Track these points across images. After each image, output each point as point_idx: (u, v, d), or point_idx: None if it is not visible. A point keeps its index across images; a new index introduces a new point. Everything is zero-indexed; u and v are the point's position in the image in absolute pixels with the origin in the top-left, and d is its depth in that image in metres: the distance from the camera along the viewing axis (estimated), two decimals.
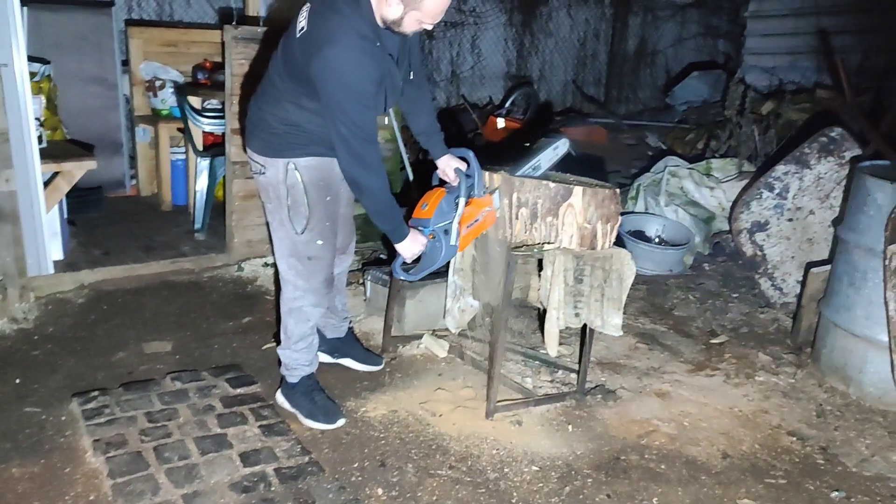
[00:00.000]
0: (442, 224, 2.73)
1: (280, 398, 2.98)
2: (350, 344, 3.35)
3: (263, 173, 2.69)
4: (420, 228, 2.72)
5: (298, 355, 2.90)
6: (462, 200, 2.76)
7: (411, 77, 2.74)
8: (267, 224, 2.88)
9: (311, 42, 2.42)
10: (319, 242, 2.73)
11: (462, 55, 8.21)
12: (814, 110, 6.23)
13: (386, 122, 4.45)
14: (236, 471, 2.54)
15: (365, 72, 2.41)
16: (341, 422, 2.86)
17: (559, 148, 3.14)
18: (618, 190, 2.98)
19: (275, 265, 2.97)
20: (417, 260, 2.78)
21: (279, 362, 2.98)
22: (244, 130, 2.83)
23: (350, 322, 3.37)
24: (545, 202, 2.89)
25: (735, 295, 4.51)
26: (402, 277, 2.87)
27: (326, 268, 2.82)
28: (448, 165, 2.89)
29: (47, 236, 3.90)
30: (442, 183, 2.93)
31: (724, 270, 4.89)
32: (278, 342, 2.98)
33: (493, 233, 3.04)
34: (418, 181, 4.48)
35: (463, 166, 2.86)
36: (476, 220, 2.84)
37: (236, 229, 4.40)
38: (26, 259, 3.72)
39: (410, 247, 2.70)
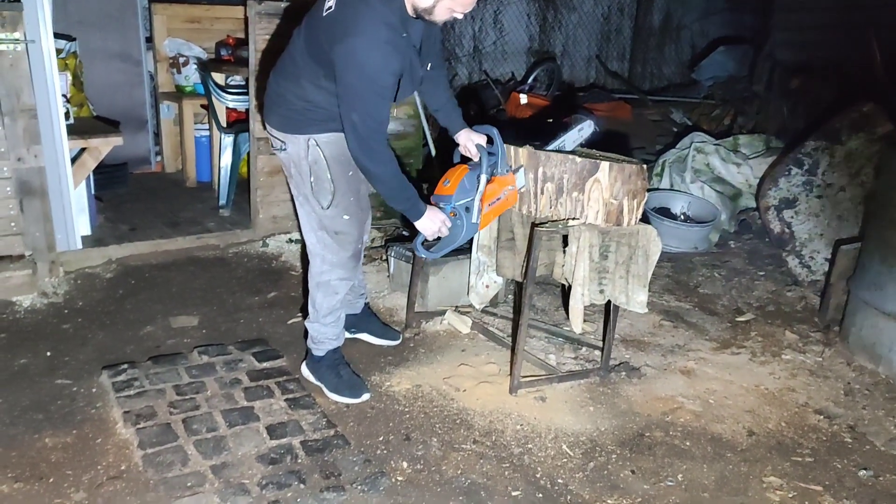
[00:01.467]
0: (464, 201, 2.72)
1: (305, 371, 3.01)
2: (367, 319, 3.36)
3: (284, 149, 2.69)
4: (441, 206, 2.71)
5: (327, 329, 2.92)
6: (484, 177, 2.73)
7: (428, 68, 2.72)
8: (292, 198, 2.88)
9: (336, 26, 2.40)
10: (346, 217, 2.73)
11: (484, 30, 8.13)
12: (844, 85, 6.10)
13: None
14: (263, 443, 2.57)
15: (387, 64, 2.39)
16: (366, 396, 2.89)
17: (584, 130, 3.13)
18: (644, 166, 2.95)
19: (300, 241, 2.97)
20: (439, 237, 2.78)
21: (305, 335, 3.01)
22: (262, 106, 2.83)
23: (366, 297, 3.37)
24: (571, 177, 2.86)
25: (762, 273, 4.47)
26: (423, 255, 2.86)
27: (355, 242, 2.81)
28: (469, 140, 2.87)
29: (75, 212, 3.95)
30: (464, 160, 2.90)
31: (750, 248, 4.83)
32: (305, 315, 3.00)
33: (518, 208, 3.03)
34: (441, 157, 4.47)
35: (484, 142, 2.83)
36: (498, 199, 2.82)
37: (261, 205, 4.42)
38: (55, 234, 3.77)
39: (430, 224, 2.68)
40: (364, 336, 3.35)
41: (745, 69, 7.88)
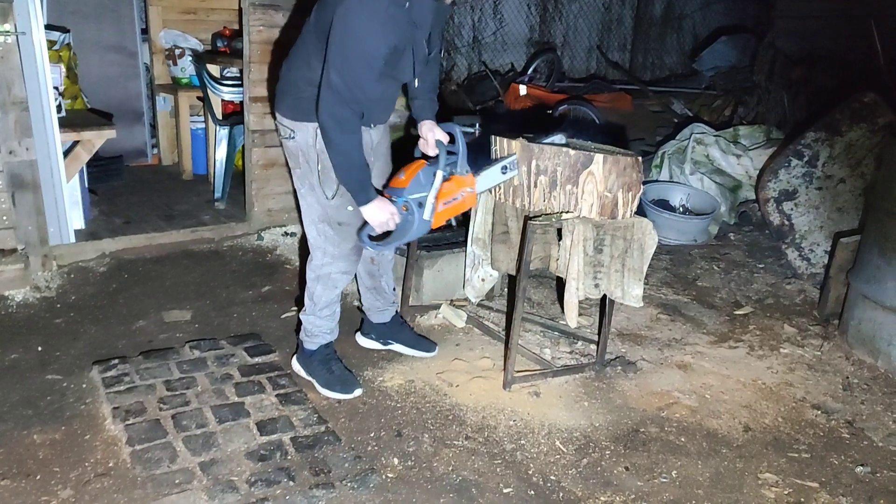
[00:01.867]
0: (417, 196, 2.60)
1: (296, 366, 2.97)
2: (398, 328, 3.24)
3: (293, 138, 2.64)
4: (393, 198, 2.61)
5: (322, 322, 2.88)
6: (441, 174, 2.61)
7: (430, 55, 2.67)
8: (294, 191, 2.83)
9: None
10: (350, 208, 2.66)
11: (484, 20, 8.06)
12: (846, 75, 6.04)
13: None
14: (253, 439, 2.55)
15: (383, 33, 2.35)
16: (358, 392, 2.86)
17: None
18: (640, 158, 2.91)
19: (295, 234, 2.93)
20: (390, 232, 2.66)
21: (297, 329, 2.97)
22: (272, 96, 2.77)
23: (397, 306, 3.27)
24: (565, 170, 2.82)
25: (761, 265, 4.43)
26: (368, 247, 2.72)
27: (355, 234, 2.75)
28: (431, 133, 2.75)
29: (68, 205, 3.92)
30: (425, 158, 2.76)
31: (749, 240, 4.80)
32: (300, 308, 2.97)
33: (511, 202, 2.99)
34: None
35: (446, 139, 2.72)
36: (455, 199, 2.71)
37: (256, 198, 4.39)
38: (48, 228, 3.74)
39: (377, 214, 2.57)
40: (397, 347, 3.22)
41: (746, 59, 7.81)
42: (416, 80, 2.71)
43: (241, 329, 3.36)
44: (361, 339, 3.27)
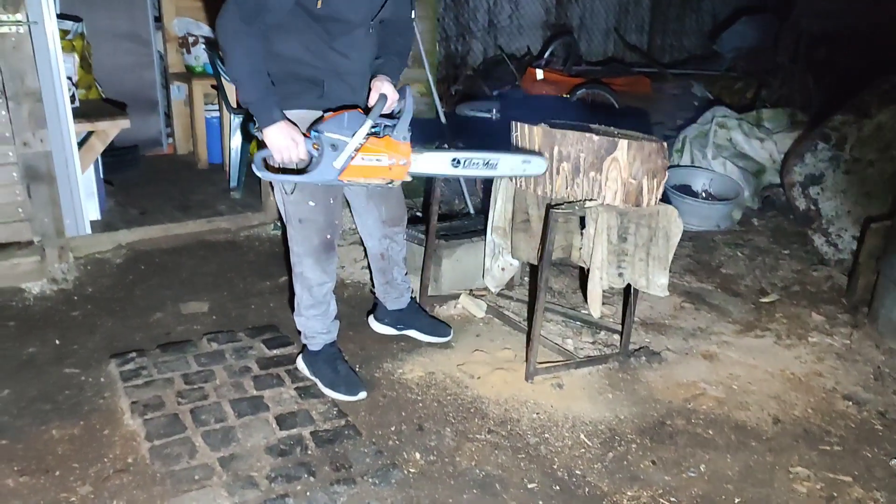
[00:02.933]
0: (333, 136, 2.37)
1: (300, 364, 2.90)
2: (414, 314, 3.19)
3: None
4: (307, 132, 2.43)
5: (312, 323, 2.80)
6: (369, 122, 2.38)
7: (381, 11, 2.50)
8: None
9: None
10: (311, 203, 2.56)
11: (500, 4, 7.95)
12: (873, 56, 5.89)
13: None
14: (272, 434, 2.51)
15: None
16: (362, 395, 2.75)
17: (531, 165, 2.76)
18: (665, 143, 2.83)
19: None
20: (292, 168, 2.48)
21: (298, 330, 2.90)
22: None
23: (412, 292, 3.24)
24: (588, 156, 2.75)
25: (786, 251, 4.33)
26: (257, 171, 2.48)
27: (321, 232, 2.63)
28: (379, 84, 2.55)
29: (84, 196, 3.89)
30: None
31: (774, 226, 4.70)
32: (293, 308, 2.89)
33: (532, 189, 2.92)
34: (454, 133, 4.36)
35: (393, 97, 2.52)
36: (378, 160, 2.44)
37: (271, 187, 4.34)
38: (63, 220, 3.71)
39: (276, 138, 2.37)
40: (412, 333, 3.18)
41: (768, 40, 7.64)
42: (388, 43, 2.60)
43: (258, 320, 3.33)
44: (375, 325, 3.23)
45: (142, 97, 5.44)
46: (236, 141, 4.75)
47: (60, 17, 4.38)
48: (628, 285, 2.94)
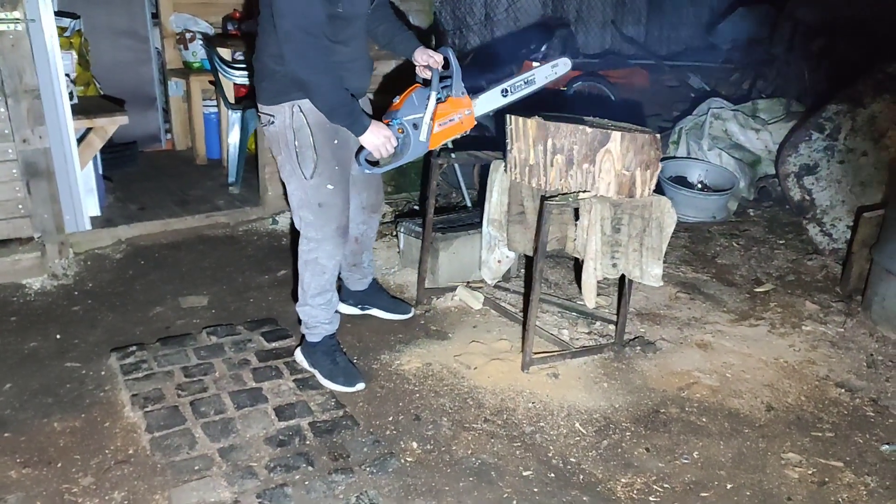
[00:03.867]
0: (411, 117, 2.69)
1: (299, 356, 2.93)
2: (375, 294, 3.33)
3: (272, 122, 2.64)
4: (390, 123, 2.68)
5: (317, 312, 2.83)
6: (434, 94, 2.68)
7: (372, 2, 2.68)
8: (282, 182, 2.80)
9: None
10: (330, 187, 2.67)
11: None
12: (868, 46, 5.90)
13: None
14: (271, 425, 2.55)
15: None
16: (360, 386, 2.79)
17: (559, 67, 3.06)
18: (658, 135, 2.85)
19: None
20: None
21: (299, 321, 2.93)
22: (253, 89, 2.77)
23: (374, 273, 3.34)
24: (581, 148, 2.77)
25: (781, 241, 4.36)
26: (366, 170, 2.75)
27: (339, 216, 2.73)
28: (424, 57, 2.78)
29: (83, 192, 3.92)
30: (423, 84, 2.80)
31: (769, 216, 4.72)
32: (296, 300, 2.93)
33: (528, 181, 2.95)
34: None
35: (440, 62, 2.76)
36: (451, 120, 2.79)
37: (269, 182, 4.37)
38: (63, 216, 3.75)
39: (372, 139, 2.61)
40: (375, 311, 3.32)
41: (765, 31, 7.65)
42: (384, 28, 2.82)
43: (257, 314, 3.36)
44: (340, 306, 3.22)
45: (140, 93, 5.47)
46: (234, 136, 4.78)
47: (58, 14, 4.40)
48: (623, 277, 2.97)
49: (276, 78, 2.56)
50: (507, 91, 2.96)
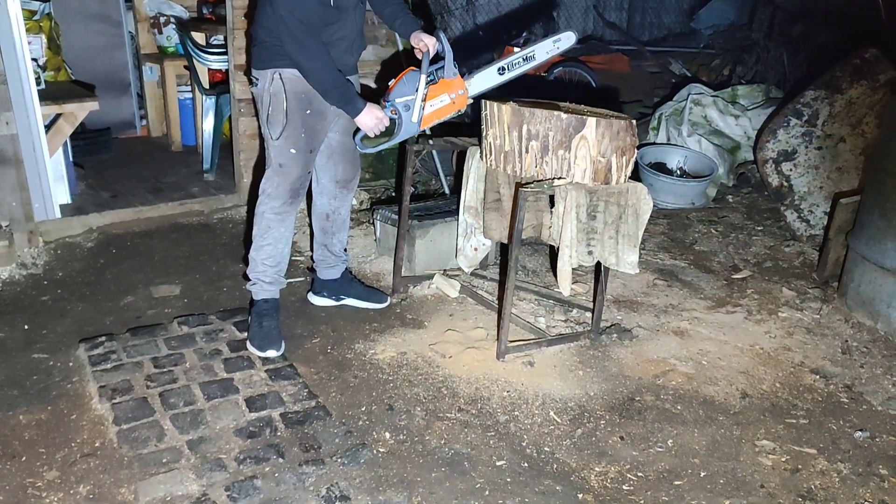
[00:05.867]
0: (403, 99, 2.81)
1: None
2: (349, 283, 3.33)
3: (256, 84, 2.83)
4: (383, 105, 2.81)
5: (262, 268, 2.96)
6: (424, 77, 2.78)
7: None
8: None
9: None
10: (293, 151, 2.82)
11: None
12: (847, 31, 5.90)
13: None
14: (242, 416, 2.51)
15: None
16: (271, 352, 2.85)
17: (561, 42, 3.02)
18: (634, 121, 2.82)
19: None
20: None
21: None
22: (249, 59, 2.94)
23: (347, 262, 3.32)
24: (557, 134, 2.74)
25: (759, 228, 4.36)
26: (361, 150, 2.95)
27: (295, 180, 2.87)
28: (417, 39, 2.88)
29: (52, 180, 3.84)
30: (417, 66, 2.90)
31: (748, 202, 4.72)
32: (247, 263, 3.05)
33: (503, 168, 2.92)
34: None
35: (433, 45, 2.82)
36: (442, 101, 2.86)
37: (245, 169, 4.31)
38: (32, 204, 3.67)
39: (366, 119, 2.77)
40: (350, 301, 3.30)
41: (745, 16, 7.64)
42: (388, 8, 2.94)
43: (231, 303, 3.31)
44: (314, 298, 3.33)
45: (114, 79, 5.37)
46: (209, 123, 4.70)
47: None
48: (599, 264, 2.95)
49: (266, 47, 2.74)
50: (503, 69, 2.96)
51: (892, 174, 3.13)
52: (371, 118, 2.77)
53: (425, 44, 2.82)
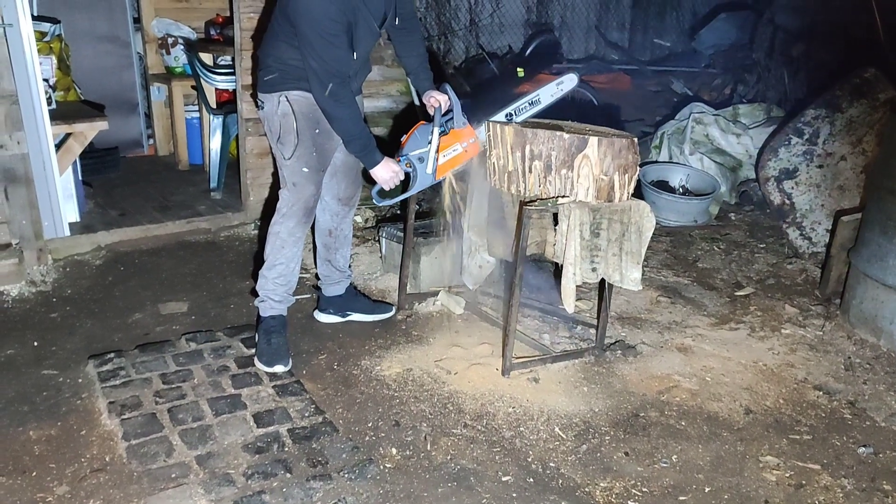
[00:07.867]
0: (417, 152, 2.90)
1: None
2: (354, 298, 3.37)
3: (262, 108, 2.89)
4: (398, 158, 2.90)
5: (270, 285, 3.00)
6: (436, 130, 2.87)
7: (396, 23, 2.91)
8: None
9: None
10: (305, 170, 2.88)
11: (481, 3, 7.96)
12: (847, 51, 5.95)
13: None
14: (250, 431, 2.53)
15: (326, 10, 2.57)
16: (278, 368, 2.89)
17: (564, 84, 3.08)
18: (636, 139, 2.87)
19: None
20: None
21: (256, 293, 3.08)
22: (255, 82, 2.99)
23: (351, 278, 3.37)
24: (559, 154, 2.78)
25: (762, 245, 4.39)
26: (379, 203, 3.04)
27: (309, 198, 2.93)
28: (429, 97, 3.01)
29: (62, 198, 3.89)
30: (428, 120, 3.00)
31: (750, 220, 4.76)
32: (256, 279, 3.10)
33: (507, 188, 2.96)
34: None
35: (443, 101, 2.93)
36: (455, 150, 2.96)
37: (251, 187, 4.35)
38: (42, 222, 3.72)
39: (382, 173, 2.86)
40: (356, 316, 3.34)
41: (746, 36, 7.71)
42: (408, 56, 3.06)
43: (237, 320, 3.34)
44: (320, 316, 3.37)
45: (122, 99, 5.44)
46: (216, 141, 4.76)
47: (38, 18, 4.39)
48: (604, 281, 2.98)
49: (271, 73, 2.81)
50: (511, 115, 3.03)
51: (893, 192, 3.17)
52: (387, 171, 2.85)
53: (437, 100, 2.93)
